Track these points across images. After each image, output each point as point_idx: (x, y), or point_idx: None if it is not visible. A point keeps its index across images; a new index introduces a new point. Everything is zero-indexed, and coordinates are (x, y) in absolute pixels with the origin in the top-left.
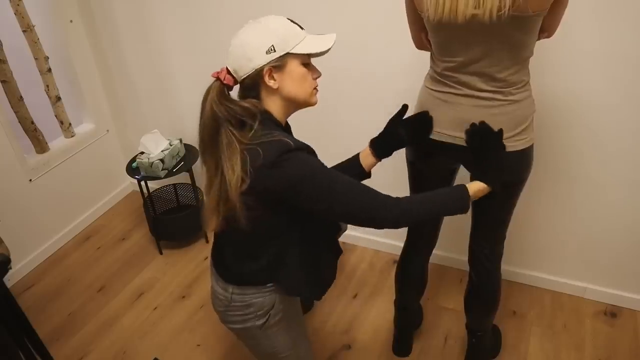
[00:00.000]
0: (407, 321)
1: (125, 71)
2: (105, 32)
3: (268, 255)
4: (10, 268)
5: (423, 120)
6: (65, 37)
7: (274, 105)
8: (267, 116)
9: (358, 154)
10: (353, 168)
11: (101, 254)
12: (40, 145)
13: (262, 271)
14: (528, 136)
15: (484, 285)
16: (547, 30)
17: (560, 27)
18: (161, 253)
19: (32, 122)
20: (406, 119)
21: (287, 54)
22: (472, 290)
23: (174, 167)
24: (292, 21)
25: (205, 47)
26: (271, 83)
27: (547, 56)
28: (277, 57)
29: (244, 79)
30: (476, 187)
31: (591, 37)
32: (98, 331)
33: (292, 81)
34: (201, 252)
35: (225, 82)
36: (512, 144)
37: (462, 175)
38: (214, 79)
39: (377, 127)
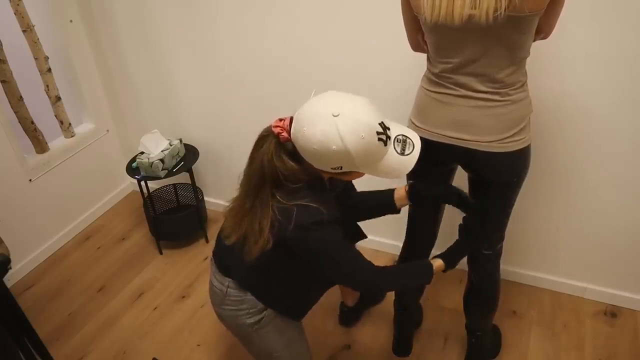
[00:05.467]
0: (407, 321)
1: (125, 71)
2: (105, 32)
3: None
4: (10, 268)
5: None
6: (65, 37)
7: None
8: (316, 179)
9: (393, 191)
10: (385, 203)
11: (101, 254)
12: (40, 145)
13: (254, 289)
14: (525, 136)
15: (484, 285)
16: (543, 31)
17: (556, 27)
18: (161, 253)
19: (32, 122)
20: (458, 195)
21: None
22: (472, 290)
23: (174, 167)
24: (382, 130)
25: (206, 47)
26: (326, 175)
27: (543, 57)
28: (342, 172)
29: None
30: (437, 264)
31: (587, 38)
32: (98, 331)
33: (348, 178)
34: (201, 252)
35: (282, 141)
36: (509, 145)
37: (461, 176)
38: (273, 131)
39: None
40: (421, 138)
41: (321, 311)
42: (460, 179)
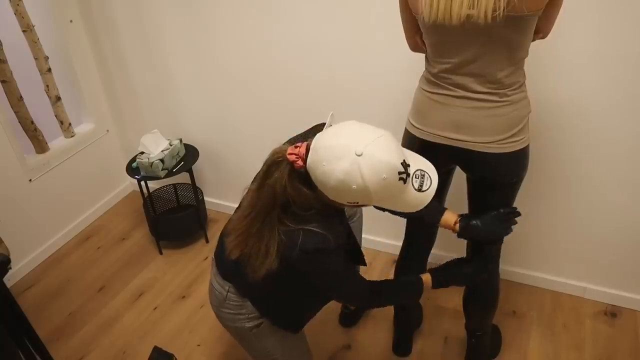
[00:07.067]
0: (407, 321)
1: (125, 71)
2: (105, 32)
3: (266, 294)
4: (10, 268)
5: None
6: (65, 37)
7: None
8: (327, 206)
9: (444, 211)
10: (432, 217)
11: (101, 254)
12: (40, 145)
13: (253, 299)
14: (524, 137)
15: (483, 285)
16: (541, 30)
17: (554, 27)
18: (161, 253)
19: (32, 122)
20: None
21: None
22: (471, 290)
23: (174, 167)
24: (403, 169)
25: (205, 47)
26: (338, 205)
27: (542, 57)
28: (357, 205)
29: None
30: (426, 279)
31: (586, 37)
32: (98, 331)
33: (359, 207)
34: (201, 252)
35: (296, 168)
36: (508, 146)
37: (459, 177)
38: (287, 158)
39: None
40: (419, 139)
41: (321, 311)
42: (460, 180)
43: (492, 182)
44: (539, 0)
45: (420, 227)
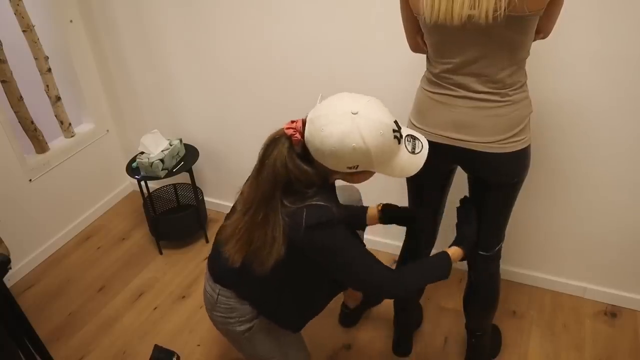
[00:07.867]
0: (407, 321)
1: (125, 71)
2: (105, 32)
3: (266, 293)
4: (10, 268)
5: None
6: (65, 37)
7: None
8: (326, 182)
9: (366, 209)
10: (357, 220)
11: (101, 254)
12: (40, 145)
13: (255, 301)
14: (525, 137)
15: (483, 285)
16: (542, 30)
17: (555, 27)
18: (161, 253)
19: (32, 122)
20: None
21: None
22: (471, 290)
23: (174, 167)
24: (396, 128)
25: (205, 47)
26: (337, 176)
27: (543, 57)
28: (356, 172)
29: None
30: (456, 254)
31: (587, 37)
32: (98, 331)
33: (357, 180)
34: (201, 252)
35: (295, 143)
36: (510, 145)
37: (458, 177)
38: (285, 133)
39: None
40: None
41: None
42: (461, 180)
43: (493, 182)
44: (540, 0)
45: (420, 227)
